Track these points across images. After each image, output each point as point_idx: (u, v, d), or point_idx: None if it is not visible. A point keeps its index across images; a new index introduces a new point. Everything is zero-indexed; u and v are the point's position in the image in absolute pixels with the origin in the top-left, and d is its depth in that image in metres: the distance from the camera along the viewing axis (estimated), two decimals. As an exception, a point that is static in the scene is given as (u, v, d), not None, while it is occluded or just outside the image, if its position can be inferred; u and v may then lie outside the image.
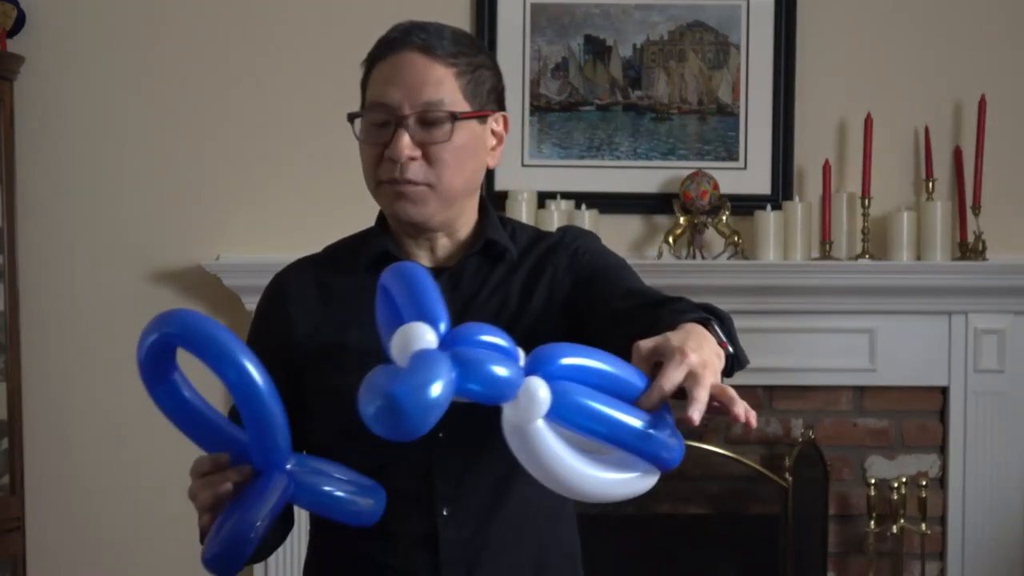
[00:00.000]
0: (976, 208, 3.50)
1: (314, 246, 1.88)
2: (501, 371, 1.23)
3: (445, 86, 1.66)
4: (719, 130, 3.59)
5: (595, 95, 3.60)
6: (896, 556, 3.53)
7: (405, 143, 1.64)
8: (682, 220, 3.50)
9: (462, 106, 1.67)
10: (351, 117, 1.72)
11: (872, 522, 3.49)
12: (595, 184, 3.56)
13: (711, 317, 1.49)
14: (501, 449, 1.65)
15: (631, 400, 1.31)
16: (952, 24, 3.59)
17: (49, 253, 3.59)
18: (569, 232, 1.80)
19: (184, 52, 3.58)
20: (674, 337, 1.35)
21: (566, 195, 3.49)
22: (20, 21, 3.53)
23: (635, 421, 1.29)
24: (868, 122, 3.47)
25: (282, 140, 3.57)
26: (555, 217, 3.41)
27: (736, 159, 3.59)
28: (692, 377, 1.32)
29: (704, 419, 1.31)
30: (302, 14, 3.58)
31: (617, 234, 3.52)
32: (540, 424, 1.25)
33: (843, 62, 3.59)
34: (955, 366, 3.53)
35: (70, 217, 3.59)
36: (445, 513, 1.65)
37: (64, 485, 3.61)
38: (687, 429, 1.41)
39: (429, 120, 1.66)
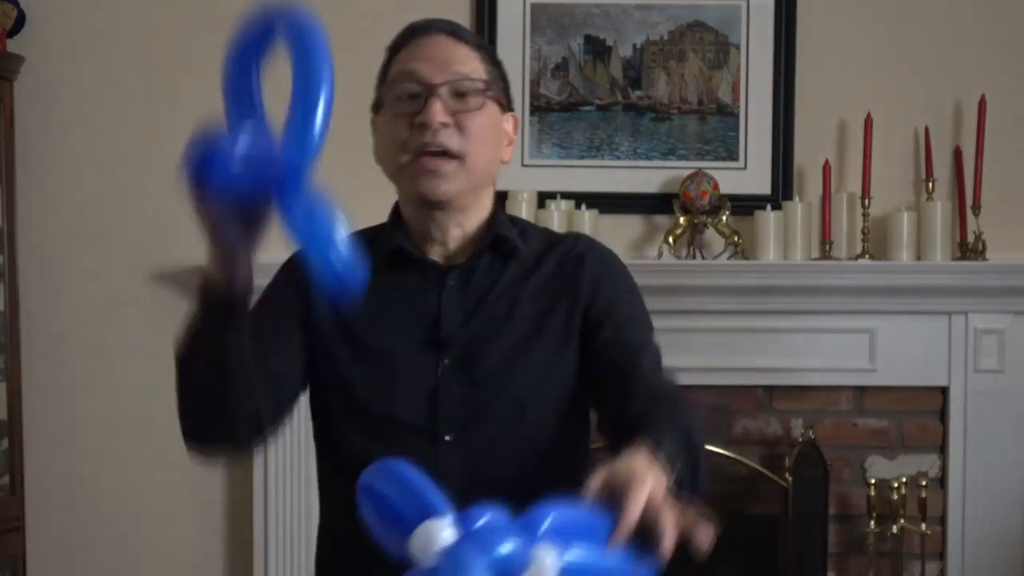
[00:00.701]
0: (976, 208, 3.50)
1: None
2: (513, 548, 1.28)
3: (472, 63, 1.71)
4: (719, 130, 3.59)
5: (595, 95, 3.60)
6: (896, 556, 3.53)
7: (438, 109, 1.66)
8: (682, 220, 3.50)
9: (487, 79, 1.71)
10: (380, 98, 1.73)
11: (872, 522, 3.48)
12: (595, 184, 3.56)
13: (668, 439, 1.50)
14: (510, 456, 1.66)
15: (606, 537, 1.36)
16: (952, 24, 3.59)
17: (49, 253, 3.59)
18: (589, 251, 1.78)
19: (184, 52, 3.58)
20: (619, 468, 1.38)
21: (566, 195, 3.49)
22: (20, 21, 3.53)
23: (626, 568, 1.36)
24: (868, 122, 3.47)
25: (282, 140, 3.56)
26: (555, 217, 3.41)
27: (736, 159, 3.59)
28: (655, 511, 1.37)
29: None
30: (302, 14, 3.57)
31: (617, 234, 3.52)
32: None
33: (843, 62, 3.59)
34: (955, 366, 3.53)
35: (70, 217, 3.59)
36: None
37: (64, 485, 3.61)
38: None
39: (462, 90, 1.68)
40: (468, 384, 1.68)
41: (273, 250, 3.50)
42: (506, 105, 1.76)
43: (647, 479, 1.34)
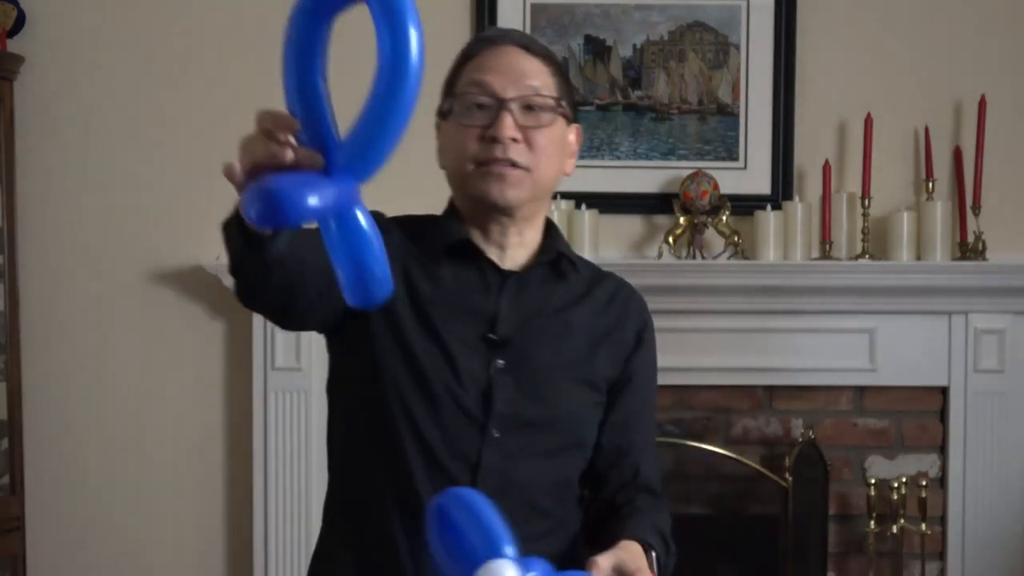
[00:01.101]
0: (976, 208, 3.50)
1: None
2: None
3: (544, 79, 1.71)
4: (719, 130, 3.59)
5: (595, 95, 3.60)
6: (896, 556, 3.53)
7: (509, 123, 1.67)
8: (682, 220, 3.50)
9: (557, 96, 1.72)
10: (450, 104, 1.72)
11: (872, 522, 3.48)
12: (595, 184, 3.56)
13: (652, 545, 1.64)
14: (542, 464, 1.69)
15: None
16: (952, 24, 3.59)
17: (49, 253, 3.59)
18: (637, 305, 1.84)
19: (184, 52, 3.58)
20: (628, 559, 1.52)
21: (566, 195, 3.49)
22: (20, 21, 3.53)
23: None
24: (868, 122, 3.47)
25: (282, 140, 3.56)
26: (555, 217, 3.40)
27: (736, 159, 3.59)
28: None
29: None
30: (302, 14, 3.57)
31: (617, 234, 3.52)
32: None
33: (843, 62, 3.59)
34: (955, 366, 3.53)
35: (70, 217, 3.59)
36: None
37: (64, 485, 3.61)
38: (688, 429, 1.45)
39: (533, 105, 1.69)
40: (516, 388, 1.70)
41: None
42: (572, 117, 1.77)
43: None
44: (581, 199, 3.50)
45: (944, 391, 3.56)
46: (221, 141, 3.58)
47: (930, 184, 3.52)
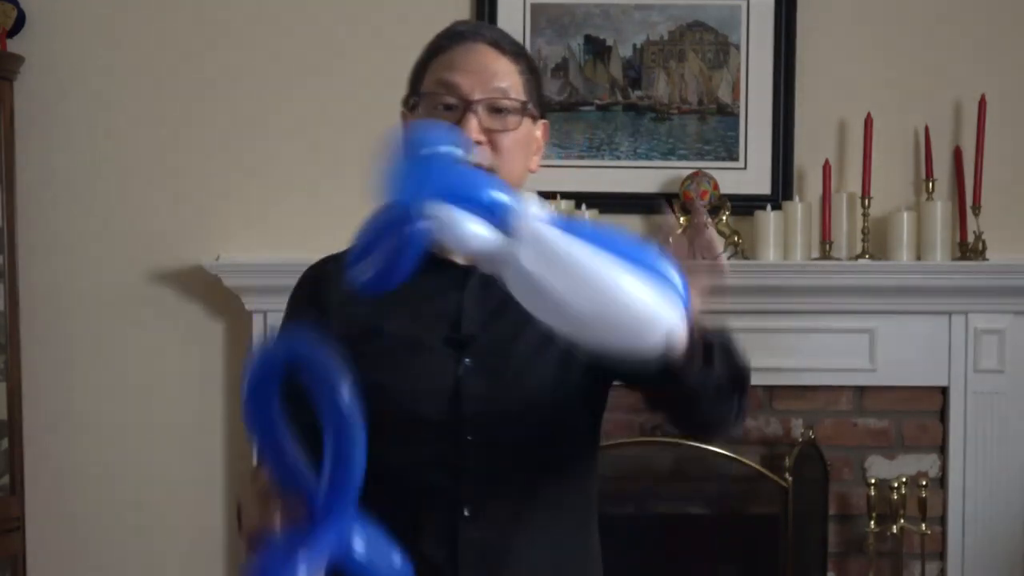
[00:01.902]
0: (976, 208, 3.50)
1: (314, 246, 1.89)
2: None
3: (511, 78, 1.70)
4: (719, 130, 3.59)
5: (595, 95, 3.60)
6: (896, 556, 3.53)
7: (474, 126, 1.66)
8: (682, 220, 3.50)
9: (524, 99, 1.71)
10: (414, 101, 1.72)
11: (872, 522, 3.48)
12: (595, 184, 3.56)
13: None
14: (529, 456, 1.67)
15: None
16: (952, 24, 3.59)
17: (49, 253, 3.59)
18: None
19: (184, 52, 3.58)
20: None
21: (566, 195, 3.49)
22: (20, 21, 3.53)
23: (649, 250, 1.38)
24: (868, 122, 3.47)
25: (283, 140, 3.57)
26: (555, 217, 3.40)
27: (736, 159, 3.59)
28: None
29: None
30: (303, 14, 3.57)
31: (617, 234, 3.52)
32: (548, 230, 1.29)
33: (843, 62, 3.59)
34: (955, 366, 3.53)
35: (70, 217, 3.59)
36: (466, 513, 1.65)
37: (64, 485, 3.61)
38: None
39: (500, 107, 1.68)
40: (489, 384, 1.68)
41: (273, 250, 3.48)
42: (540, 115, 1.76)
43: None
44: (581, 199, 3.50)
45: (944, 391, 3.56)
46: (221, 141, 3.59)
47: (930, 184, 3.52)
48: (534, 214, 1.26)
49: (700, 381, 1.48)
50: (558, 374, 1.70)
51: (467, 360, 1.69)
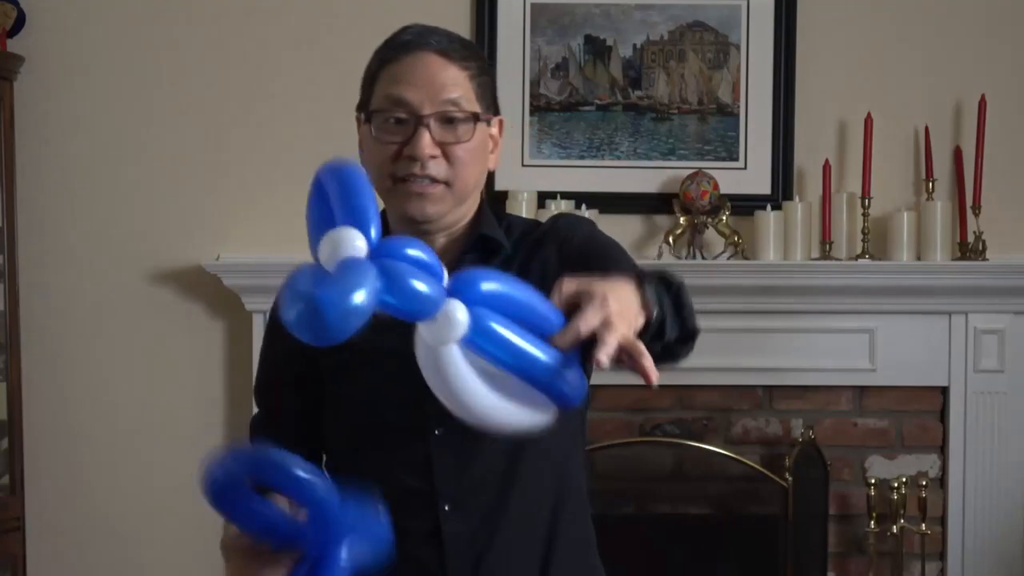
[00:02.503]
0: (976, 208, 3.50)
1: (314, 246, 1.88)
2: (423, 288, 1.24)
3: (461, 87, 1.68)
4: (719, 130, 3.59)
5: (595, 95, 3.60)
6: (896, 556, 3.53)
7: (427, 141, 1.65)
8: (682, 220, 3.50)
9: (475, 108, 1.69)
10: (365, 114, 1.70)
11: (872, 522, 3.48)
12: (595, 184, 3.56)
13: (647, 279, 1.48)
14: (499, 446, 1.66)
15: (545, 335, 1.32)
16: (952, 24, 3.59)
17: (49, 253, 3.59)
18: (561, 218, 1.81)
19: (184, 52, 3.58)
20: (598, 284, 1.35)
21: (566, 195, 3.49)
22: (20, 21, 3.53)
23: (544, 356, 1.30)
24: (868, 122, 3.47)
25: (282, 140, 3.57)
26: (555, 217, 3.41)
27: (736, 159, 3.59)
28: (607, 324, 1.31)
29: (612, 368, 1.31)
30: (301, 15, 3.58)
31: (617, 234, 3.48)
32: (454, 347, 1.26)
33: (843, 62, 3.59)
34: (955, 366, 3.53)
35: (70, 217, 3.59)
36: (447, 508, 1.67)
37: (64, 485, 3.61)
38: (688, 429, 1.41)
39: (451, 119, 1.66)
40: None
41: (273, 250, 3.47)
42: (494, 114, 1.74)
43: (610, 305, 1.32)
44: (581, 199, 3.50)
45: (944, 391, 3.56)
46: (220, 141, 3.59)
47: (930, 184, 3.52)
48: (451, 323, 1.26)
49: (653, 350, 1.45)
50: None
51: None
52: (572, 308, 1.33)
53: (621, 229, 3.55)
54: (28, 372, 3.55)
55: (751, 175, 3.58)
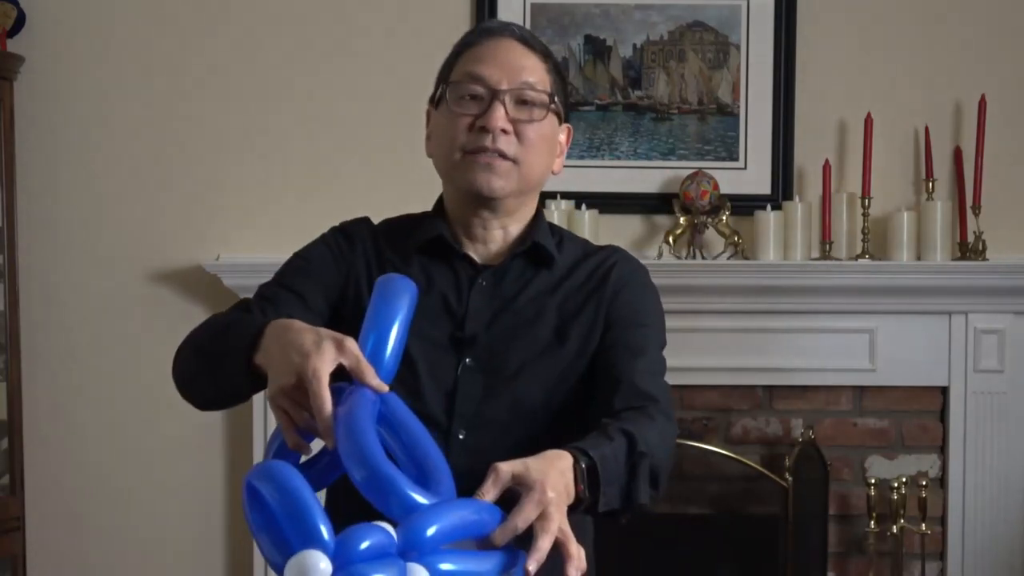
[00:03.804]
0: (976, 208, 3.50)
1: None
2: None
3: (538, 74, 1.72)
4: (719, 130, 3.59)
5: (595, 95, 3.60)
6: (896, 556, 3.53)
7: (501, 115, 1.68)
8: (682, 220, 3.50)
9: (551, 92, 1.72)
10: (443, 91, 1.72)
11: (872, 522, 3.48)
12: (595, 184, 3.56)
13: (600, 444, 1.51)
14: (517, 445, 1.67)
15: (486, 534, 1.36)
16: (952, 24, 3.59)
17: (49, 253, 3.59)
18: (619, 262, 1.80)
19: (184, 52, 3.58)
20: (534, 468, 1.38)
21: (566, 195, 3.49)
22: (20, 21, 3.53)
23: (491, 569, 1.35)
24: (868, 122, 3.47)
25: (282, 140, 3.57)
26: (555, 217, 3.40)
27: (736, 159, 3.59)
28: (543, 518, 1.35)
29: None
30: (301, 15, 3.57)
31: (617, 234, 3.52)
32: None
33: (843, 62, 3.59)
34: (955, 366, 3.53)
35: (70, 217, 3.59)
36: None
37: (64, 485, 3.61)
38: (688, 429, 1.42)
39: (526, 99, 1.70)
40: (485, 385, 1.69)
41: (273, 250, 3.48)
42: (564, 117, 1.77)
43: (547, 495, 1.36)
44: (581, 199, 3.50)
45: (944, 391, 3.56)
46: (220, 141, 3.59)
47: (930, 184, 3.52)
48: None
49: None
50: (553, 383, 1.71)
51: (468, 360, 1.70)
52: (509, 492, 1.37)
53: (621, 229, 3.56)
54: (28, 372, 3.55)
55: (751, 175, 3.58)
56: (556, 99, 1.73)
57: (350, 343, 1.43)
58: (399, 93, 3.48)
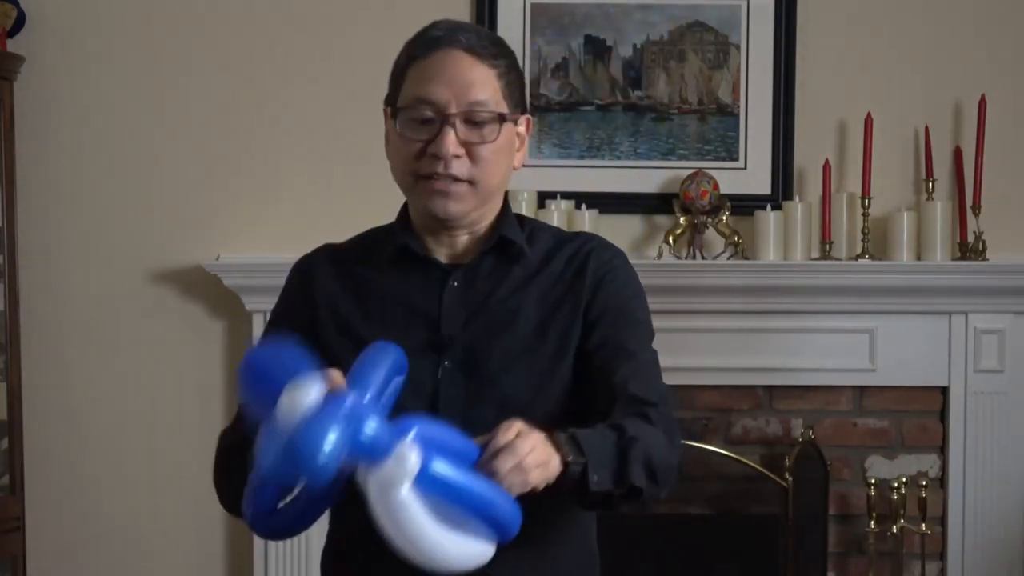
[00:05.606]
0: (976, 208, 3.50)
1: (314, 246, 1.88)
2: (373, 430, 1.31)
3: (488, 87, 1.69)
4: (719, 130, 3.59)
5: (595, 95, 3.59)
6: (896, 556, 3.53)
7: (451, 140, 1.66)
8: (682, 220, 3.50)
9: (502, 107, 1.70)
10: (394, 110, 1.71)
11: (872, 522, 3.48)
12: (595, 184, 3.56)
13: (571, 440, 1.54)
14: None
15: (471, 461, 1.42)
16: (952, 24, 3.59)
17: (49, 253, 3.59)
18: (595, 250, 1.78)
19: (184, 52, 3.58)
20: (512, 431, 1.47)
21: (566, 195, 3.49)
22: (20, 21, 3.53)
23: (485, 491, 1.39)
24: (868, 122, 3.47)
25: (282, 140, 3.57)
26: (555, 217, 3.40)
27: (736, 159, 3.59)
28: (519, 468, 1.44)
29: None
30: (302, 14, 3.57)
31: (617, 234, 3.52)
32: (406, 490, 1.32)
33: (843, 62, 3.59)
34: (955, 366, 3.53)
35: (70, 217, 3.59)
36: None
37: (64, 485, 3.61)
38: (688, 429, 1.42)
39: (477, 120, 1.68)
40: (467, 387, 1.68)
41: (273, 250, 3.48)
42: (523, 109, 1.75)
43: (517, 435, 1.44)
44: (581, 199, 3.50)
45: (944, 391, 3.56)
46: (221, 141, 3.59)
47: (930, 184, 3.52)
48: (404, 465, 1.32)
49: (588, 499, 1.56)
50: (537, 383, 1.70)
51: (446, 363, 1.69)
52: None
53: (621, 229, 3.56)
54: (28, 372, 3.55)
55: (751, 175, 3.58)
56: (508, 110, 1.70)
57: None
58: (399, 93, 3.47)
